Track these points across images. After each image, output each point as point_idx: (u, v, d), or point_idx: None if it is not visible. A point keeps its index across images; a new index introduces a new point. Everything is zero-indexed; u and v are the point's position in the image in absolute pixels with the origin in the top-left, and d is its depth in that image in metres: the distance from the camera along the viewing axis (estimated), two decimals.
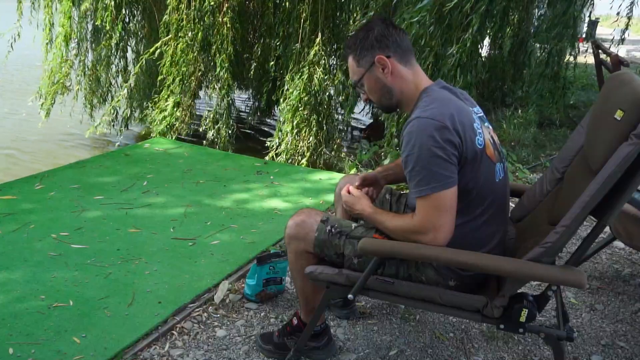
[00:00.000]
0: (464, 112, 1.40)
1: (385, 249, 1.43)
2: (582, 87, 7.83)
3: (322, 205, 3.24)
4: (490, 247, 1.48)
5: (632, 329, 2.07)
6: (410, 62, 1.50)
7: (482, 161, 1.40)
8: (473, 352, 1.90)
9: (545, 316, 2.12)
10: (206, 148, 4.64)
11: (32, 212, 2.89)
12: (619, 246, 2.74)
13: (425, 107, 1.38)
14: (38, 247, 2.50)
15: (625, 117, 1.26)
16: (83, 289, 2.16)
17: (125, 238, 2.64)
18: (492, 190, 1.45)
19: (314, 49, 4.40)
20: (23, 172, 3.94)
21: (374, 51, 1.48)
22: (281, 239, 2.67)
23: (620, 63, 2.53)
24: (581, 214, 1.26)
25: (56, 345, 1.81)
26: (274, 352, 1.81)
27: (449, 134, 1.33)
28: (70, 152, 5.30)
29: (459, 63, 3.30)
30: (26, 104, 5.97)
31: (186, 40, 4.60)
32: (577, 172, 1.53)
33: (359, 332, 1.98)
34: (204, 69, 4.75)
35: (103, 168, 3.71)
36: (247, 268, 2.37)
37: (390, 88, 1.50)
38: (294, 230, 1.61)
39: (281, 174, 3.84)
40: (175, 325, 1.98)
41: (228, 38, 4.57)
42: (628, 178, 1.23)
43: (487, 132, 1.46)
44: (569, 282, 1.28)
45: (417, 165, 1.35)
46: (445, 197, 1.35)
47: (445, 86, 1.50)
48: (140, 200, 3.15)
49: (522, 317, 1.38)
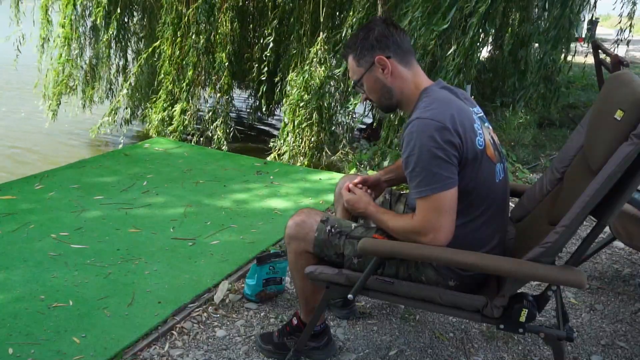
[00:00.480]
0: (465, 112, 1.40)
1: (385, 249, 1.43)
2: (582, 87, 7.83)
3: (322, 205, 3.24)
4: (491, 247, 1.48)
5: (632, 329, 2.07)
6: (410, 63, 1.50)
7: (482, 162, 1.40)
8: (473, 352, 1.90)
9: (545, 316, 2.12)
10: (206, 148, 4.64)
11: (32, 212, 2.89)
12: (618, 246, 2.74)
13: (426, 108, 1.38)
14: (38, 247, 2.50)
15: (625, 117, 1.26)
16: (83, 289, 2.16)
17: (125, 238, 2.64)
18: (493, 190, 1.45)
19: (314, 48, 4.40)
20: (23, 172, 3.94)
21: (374, 51, 1.48)
22: (281, 239, 2.67)
23: (620, 63, 2.53)
24: (581, 214, 1.26)
25: (56, 345, 1.81)
26: (274, 352, 1.81)
27: (450, 135, 1.33)
28: (70, 152, 5.30)
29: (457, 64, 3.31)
30: (25, 103, 5.97)
31: (185, 40, 4.60)
32: (577, 172, 1.53)
33: (359, 332, 1.98)
34: (203, 68, 4.75)
35: (103, 168, 3.71)
36: (246, 268, 2.37)
37: (390, 88, 1.50)
38: (294, 230, 1.61)
39: (281, 174, 3.84)
40: (175, 325, 1.97)
41: (227, 37, 4.57)
42: (628, 178, 1.23)
43: (487, 133, 1.46)
44: (569, 282, 1.28)
45: (417, 166, 1.35)
46: (446, 198, 1.35)
47: (446, 86, 1.50)
48: (140, 200, 3.15)
49: (522, 317, 1.38)
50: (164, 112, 4.82)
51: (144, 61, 4.88)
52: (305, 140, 4.55)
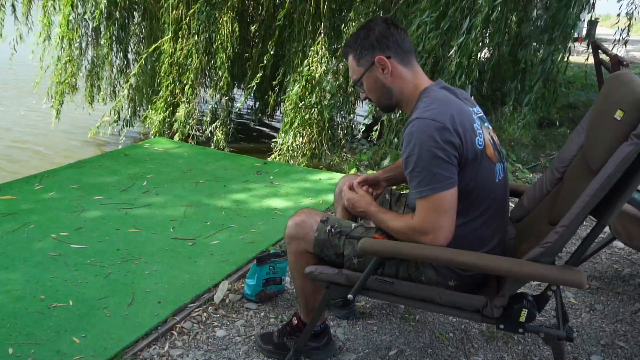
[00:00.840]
0: (464, 112, 1.40)
1: (385, 249, 1.43)
2: (582, 87, 7.83)
3: (322, 205, 3.24)
4: (491, 247, 1.48)
5: (631, 329, 2.07)
6: (410, 63, 1.50)
7: (482, 162, 1.40)
8: (473, 352, 1.90)
9: (545, 316, 2.12)
10: (206, 148, 4.64)
11: (32, 212, 2.89)
12: (618, 246, 2.75)
13: (426, 108, 1.38)
14: (38, 247, 2.50)
15: (625, 117, 1.26)
16: (83, 289, 2.16)
17: (125, 238, 2.64)
18: (492, 190, 1.45)
19: (315, 47, 4.40)
20: (23, 172, 3.93)
21: (374, 51, 1.48)
22: (281, 239, 2.67)
23: (619, 63, 2.53)
24: (581, 214, 1.26)
25: (56, 345, 1.81)
26: (274, 352, 1.81)
27: (449, 135, 1.33)
28: (70, 152, 5.30)
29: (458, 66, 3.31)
30: (24, 102, 5.95)
31: (185, 40, 4.60)
32: (577, 172, 1.53)
33: (359, 332, 1.98)
34: (203, 68, 4.75)
35: (103, 168, 3.71)
36: (246, 268, 2.37)
37: (389, 88, 1.50)
38: (294, 230, 1.61)
39: (281, 174, 3.84)
40: (175, 325, 1.97)
41: (227, 38, 4.57)
42: (628, 178, 1.23)
43: (487, 133, 1.46)
44: (569, 282, 1.29)
45: (417, 166, 1.35)
46: (445, 198, 1.35)
47: (445, 86, 1.50)
48: (140, 200, 3.15)
49: (522, 317, 1.38)
50: (165, 112, 4.81)
51: (144, 62, 4.88)
52: (306, 140, 4.55)
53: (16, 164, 4.90)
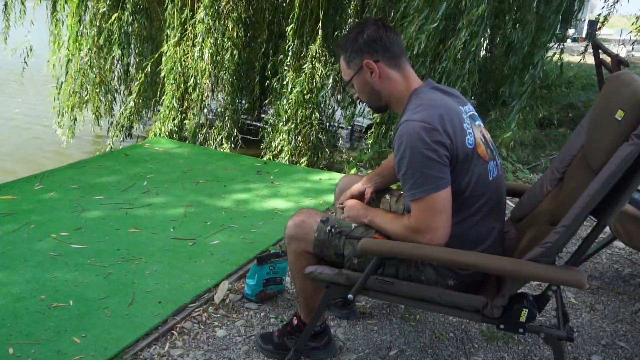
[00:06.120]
0: (454, 112, 1.41)
1: (385, 249, 1.43)
2: (582, 87, 7.83)
3: (322, 205, 3.24)
4: (488, 244, 1.48)
5: (632, 329, 2.07)
6: (400, 65, 1.51)
7: (473, 160, 1.40)
8: (473, 352, 1.90)
9: (545, 316, 2.12)
10: (206, 148, 4.65)
11: (32, 212, 2.89)
12: (619, 246, 2.75)
13: (414, 110, 1.39)
14: (38, 247, 2.50)
15: (626, 117, 1.26)
16: (83, 289, 2.16)
17: (125, 238, 2.64)
18: (486, 188, 1.46)
19: (314, 47, 4.40)
20: (23, 172, 3.93)
21: (362, 55, 1.49)
22: (281, 239, 2.67)
23: (620, 63, 2.53)
24: (581, 214, 1.26)
25: (56, 345, 1.81)
26: (274, 352, 1.81)
27: (439, 136, 1.34)
28: (70, 153, 5.29)
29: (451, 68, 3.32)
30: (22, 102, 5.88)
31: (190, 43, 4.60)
32: (577, 172, 1.53)
33: (359, 332, 1.98)
34: (203, 69, 4.74)
35: (103, 168, 3.71)
36: (247, 268, 2.37)
37: (378, 91, 1.52)
38: (294, 230, 1.61)
39: (281, 174, 3.84)
40: (175, 325, 1.98)
41: (229, 40, 4.58)
42: (628, 178, 1.23)
43: (477, 131, 1.46)
44: (569, 282, 1.29)
45: (409, 169, 1.36)
46: (439, 199, 1.35)
47: (436, 86, 1.51)
48: (140, 200, 3.15)
49: (522, 317, 1.39)
50: (165, 112, 4.81)
51: (148, 68, 4.86)
52: (305, 140, 4.54)
53: (16, 164, 4.90)
